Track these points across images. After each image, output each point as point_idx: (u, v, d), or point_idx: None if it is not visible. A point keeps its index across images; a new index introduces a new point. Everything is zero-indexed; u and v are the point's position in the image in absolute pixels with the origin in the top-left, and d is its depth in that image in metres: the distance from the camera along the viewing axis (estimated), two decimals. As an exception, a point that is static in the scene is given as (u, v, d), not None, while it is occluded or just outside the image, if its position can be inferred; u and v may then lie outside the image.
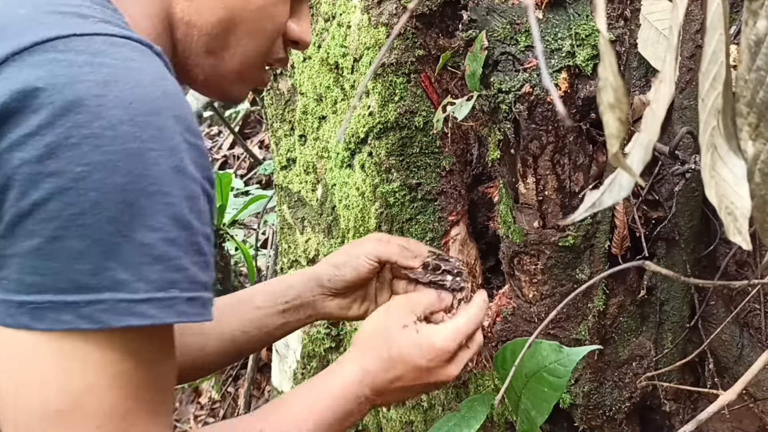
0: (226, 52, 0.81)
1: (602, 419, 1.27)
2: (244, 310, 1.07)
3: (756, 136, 0.48)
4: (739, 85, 0.48)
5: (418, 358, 0.87)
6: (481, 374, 1.34)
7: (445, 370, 0.90)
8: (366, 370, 0.88)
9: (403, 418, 1.48)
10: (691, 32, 1.13)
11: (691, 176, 1.10)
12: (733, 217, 0.51)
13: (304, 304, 1.07)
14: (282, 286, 1.08)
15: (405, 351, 0.87)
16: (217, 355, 1.10)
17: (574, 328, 1.22)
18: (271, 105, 1.76)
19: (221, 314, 1.06)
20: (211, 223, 0.69)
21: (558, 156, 1.12)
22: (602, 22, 0.44)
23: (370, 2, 1.35)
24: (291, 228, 1.78)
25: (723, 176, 0.51)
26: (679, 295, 1.26)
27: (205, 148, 0.69)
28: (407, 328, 0.89)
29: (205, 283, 0.67)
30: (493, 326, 1.30)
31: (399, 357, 0.88)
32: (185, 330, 1.05)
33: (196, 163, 0.65)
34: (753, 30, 0.46)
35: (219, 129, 5.47)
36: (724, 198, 0.51)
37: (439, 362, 0.88)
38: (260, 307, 1.07)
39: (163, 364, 0.67)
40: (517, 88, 1.06)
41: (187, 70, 0.82)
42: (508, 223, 1.21)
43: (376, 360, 0.89)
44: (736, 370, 1.26)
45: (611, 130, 0.46)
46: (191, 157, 0.64)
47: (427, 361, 0.88)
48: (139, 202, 0.60)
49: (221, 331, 1.07)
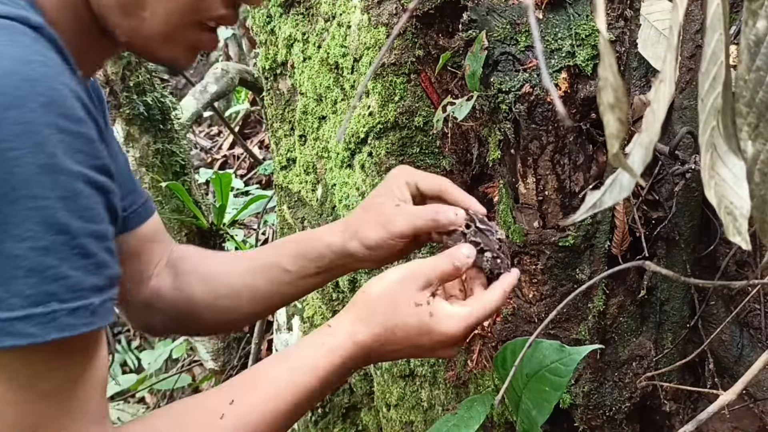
0: (144, 11, 0.73)
1: (602, 419, 1.26)
2: (275, 275, 1.05)
3: (755, 136, 0.48)
4: (739, 85, 0.48)
5: (426, 341, 0.83)
6: (481, 374, 1.34)
7: (449, 351, 0.86)
8: (362, 345, 0.83)
9: (403, 418, 1.48)
10: (691, 32, 1.13)
11: (691, 176, 1.10)
12: (732, 217, 0.51)
13: (338, 267, 1.03)
14: (313, 253, 1.02)
15: (412, 332, 0.83)
16: (253, 315, 1.10)
17: (574, 328, 1.22)
18: (271, 105, 1.76)
19: (252, 278, 1.06)
20: (107, 217, 0.65)
21: (558, 156, 1.12)
22: (602, 23, 0.44)
23: (370, 2, 1.35)
24: (291, 228, 1.78)
25: (722, 176, 0.51)
26: (679, 295, 1.26)
27: (91, 133, 0.62)
28: (419, 307, 0.83)
29: (95, 287, 0.62)
30: (493, 326, 1.30)
31: (404, 335, 0.83)
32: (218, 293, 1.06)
33: (76, 153, 0.59)
34: (753, 30, 0.46)
35: (219, 129, 5.47)
36: (724, 198, 0.51)
37: (445, 346, 0.84)
38: (290, 271, 1.04)
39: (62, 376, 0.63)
40: (517, 88, 1.06)
41: (111, 33, 0.76)
42: (508, 223, 1.21)
43: (376, 330, 0.83)
44: (736, 370, 1.26)
45: (611, 130, 0.46)
46: (69, 148, 0.58)
47: (433, 344, 0.84)
48: (2, 210, 0.55)
49: (254, 294, 1.06)
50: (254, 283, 1.06)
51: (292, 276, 1.04)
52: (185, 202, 2.39)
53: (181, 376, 3.08)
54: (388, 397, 1.49)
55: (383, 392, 1.51)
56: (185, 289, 1.09)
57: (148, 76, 2.34)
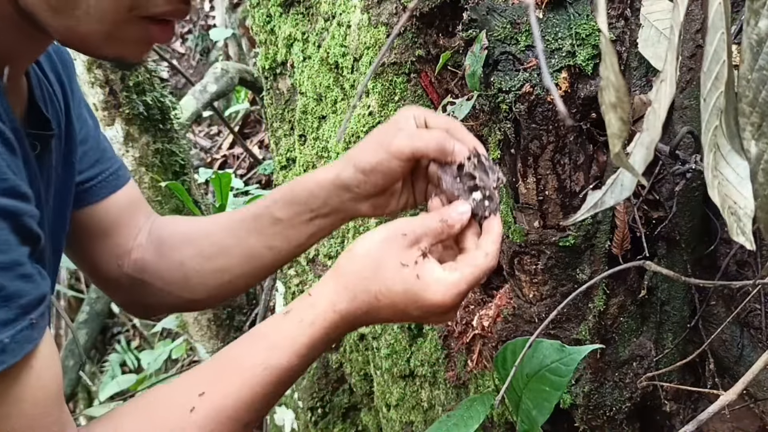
0: (76, 9, 0.67)
1: (603, 419, 1.26)
2: (265, 225, 0.97)
3: (759, 136, 0.48)
4: (742, 85, 0.48)
5: (411, 306, 0.75)
6: (481, 374, 1.34)
7: (440, 318, 0.79)
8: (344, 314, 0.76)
9: (403, 418, 1.48)
10: (691, 32, 1.13)
11: (691, 176, 1.10)
12: (736, 216, 0.51)
13: (333, 210, 0.94)
14: (303, 194, 0.94)
15: (398, 299, 0.75)
16: (246, 276, 1.02)
17: (574, 328, 1.22)
18: (271, 105, 1.76)
19: (241, 232, 0.99)
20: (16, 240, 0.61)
21: (558, 156, 1.11)
22: (603, 22, 0.44)
23: (370, 2, 1.35)
24: (291, 228, 1.78)
25: (726, 176, 0.50)
26: (679, 295, 1.26)
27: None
28: (405, 269, 0.75)
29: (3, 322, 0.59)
30: (493, 326, 1.30)
31: (388, 302, 0.75)
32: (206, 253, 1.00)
33: None
34: (755, 29, 0.46)
35: (219, 129, 5.47)
36: (727, 198, 0.51)
37: (433, 314, 0.77)
38: (282, 219, 0.96)
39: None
40: (518, 88, 1.06)
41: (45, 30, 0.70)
42: (509, 223, 1.21)
43: (359, 296, 0.76)
44: (736, 370, 1.26)
45: (613, 130, 0.46)
46: None
47: (422, 313, 0.76)
48: None
49: (244, 251, 0.99)
50: (244, 237, 0.98)
51: (283, 225, 0.96)
52: (185, 201, 2.38)
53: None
54: (388, 397, 1.49)
55: (383, 392, 1.51)
56: (170, 255, 1.02)
57: (147, 76, 2.34)
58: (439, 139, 0.84)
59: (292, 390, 1.89)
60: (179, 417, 0.71)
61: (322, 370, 1.80)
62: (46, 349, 0.66)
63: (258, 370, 0.74)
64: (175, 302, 1.07)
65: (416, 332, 1.42)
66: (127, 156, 2.37)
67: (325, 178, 0.92)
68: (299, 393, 1.86)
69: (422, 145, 0.85)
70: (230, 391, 0.73)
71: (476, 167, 0.84)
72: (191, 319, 2.73)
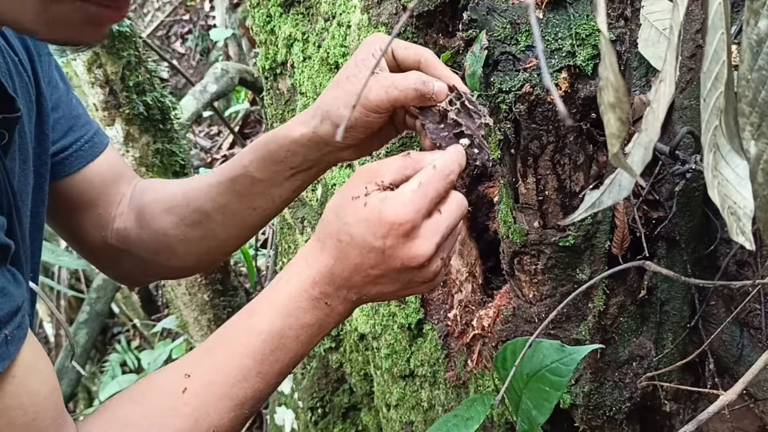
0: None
1: (602, 419, 1.26)
2: (245, 187, 0.93)
3: (758, 136, 0.48)
4: (741, 85, 0.48)
5: (370, 236, 0.69)
6: (481, 374, 1.34)
7: (409, 249, 0.69)
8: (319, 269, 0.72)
9: (403, 418, 1.48)
10: (691, 32, 1.13)
11: (691, 176, 1.10)
12: (736, 217, 0.51)
13: (315, 163, 0.90)
14: (281, 152, 0.89)
15: (354, 230, 0.69)
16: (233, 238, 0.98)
17: (574, 328, 1.22)
18: (271, 105, 1.76)
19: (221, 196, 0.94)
20: None
21: (558, 156, 1.11)
22: (603, 22, 0.44)
23: (370, 2, 1.35)
24: (291, 228, 1.78)
25: (725, 176, 0.51)
26: (679, 295, 1.26)
27: None
28: (356, 200, 0.70)
29: None
30: (493, 326, 1.30)
31: (348, 237, 0.70)
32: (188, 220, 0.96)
33: None
34: (754, 29, 0.46)
35: (219, 129, 5.47)
36: (727, 198, 0.51)
37: (395, 239, 0.69)
38: (262, 180, 0.91)
39: None
40: (518, 88, 1.06)
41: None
42: (508, 223, 1.21)
43: (327, 241, 0.72)
44: (736, 370, 1.26)
45: (612, 130, 0.46)
46: None
47: (381, 240, 0.68)
48: None
49: (227, 215, 0.95)
50: (224, 201, 0.94)
51: (265, 184, 0.92)
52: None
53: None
54: (388, 397, 1.49)
55: (383, 392, 1.51)
56: (152, 224, 0.98)
57: (147, 76, 2.34)
58: (417, 84, 0.79)
59: (291, 390, 1.89)
60: (171, 399, 0.70)
61: (322, 370, 1.80)
62: (29, 355, 0.65)
63: (243, 338, 0.71)
64: (163, 271, 1.04)
65: (416, 332, 1.42)
66: (127, 156, 2.37)
67: (302, 135, 0.88)
68: (299, 393, 1.86)
69: (400, 95, 0.80)
70: (218, 365, 0.71)
71: (460, 113, 0.77)
72: (191, 319, 2.73)
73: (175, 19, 6.69)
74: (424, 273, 0.72)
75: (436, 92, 0.80)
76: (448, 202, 0.73)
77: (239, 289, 2.73)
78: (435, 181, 0.71)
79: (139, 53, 2.28)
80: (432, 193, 0.70)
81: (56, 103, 0.96)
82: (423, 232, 0.70)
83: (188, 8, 6.63)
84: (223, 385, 0.70)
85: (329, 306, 0.73)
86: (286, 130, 0.90)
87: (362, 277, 0.71)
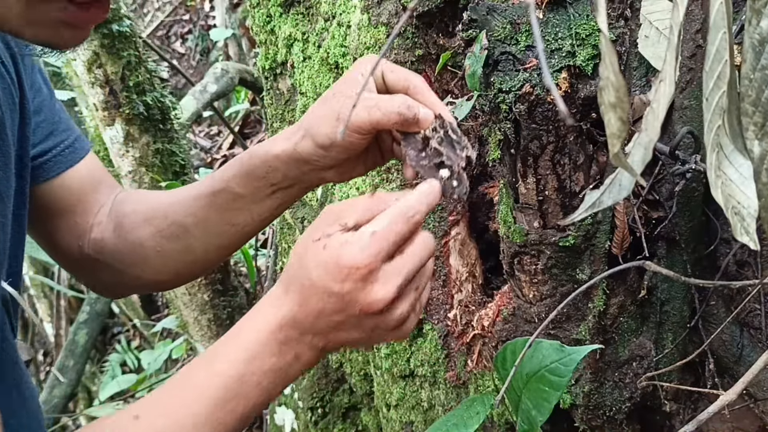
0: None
1: (602, 419, 1.26)
2: (225, 201, 0.90)
3: (762, 136, 0.48)
4: (744, 84, 0.48)
5: (329, 281, 0.66)
6: (481, 374, 1.34)
7: (367, 294, 0.66)
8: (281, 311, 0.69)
9: (403, 418, 1.48)
10: (691, 32, 1.13)
11: (691, 176, 1.10)
12: (740, 216, 0.51)
13: (296, 182, 0.88)
14: (262, 167, 0.87)
15: (314, 274, 0.67)
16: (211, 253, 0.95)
17: (574, 328, 1.22)
18: (271, 105, 1.76)
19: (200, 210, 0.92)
20: None
21: (558, 156, 1.11)
22: (603, 22, 0.44)
23: (370, 2, 1.35)
24: (291, 228, 1.78)
25: (729, 176, 0.50)
26: (679, 295, 1.26)
27: None
28: (317, 243, 0.67)
29: None
30: (493, 326, 1.30)
31: (311, 284, 0.67)
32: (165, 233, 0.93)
33: None
34: (756, 29, 0.46)
35: (219, 129, 5.47)
36: (731, 198, 0.51)
37: (353, 284, 0.66)
38: (243, 195, 0.89)
39: None
40: (518, 88, 1.06)
41: None
42: (508, 223, 1.21)
43: (290, 285, 0.69)
44: (736, 370, 1.26)
45: (612, 130, 0.46)
46: None
47: (340, 284, 0.66)
48: None
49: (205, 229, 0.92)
50: (203, 215, 0.92)
51: (245, 200, 0.89)
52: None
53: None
54: (388, 397, 1.49)
55: (383, 392, 1.51)
56: (129, 234, 0.96)
57: (147, 76, 2.34)
58: (401, 108, 0.76)
59: (292, 390, 1.89)
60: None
61: (322, 370, 1.80)
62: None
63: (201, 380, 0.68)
64: (138, 284, 1.01)
65: (416, 332, 1.42)
66: (127, 156, 2.37)
67: (284, 150, 0.85)
68: (299, 393, 1.86)
69: (382, 118, 0.77)
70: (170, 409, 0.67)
71: (443, 141, 0.74)
72: (191, 319, 2.73)
73: (175, 19, 6.69)
74: (387, 320, 0.69)
75: (421, 118, 0.77)
76: (413, 244, 0.69)
77: (239, 289, 2.73)
78: (396, 223, 0.68)
79: (139, 53, 2.28)
80: (392, 236, 0.67)
81: (39, 106, 0.94)
82: (381, 276, 0.67)
83: (188, 8, 6.63)
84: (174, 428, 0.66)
85: (294, 352, 0.70)
86: (269, 144, 0.88)
87: (326, 322, 0.69)
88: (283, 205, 0.91)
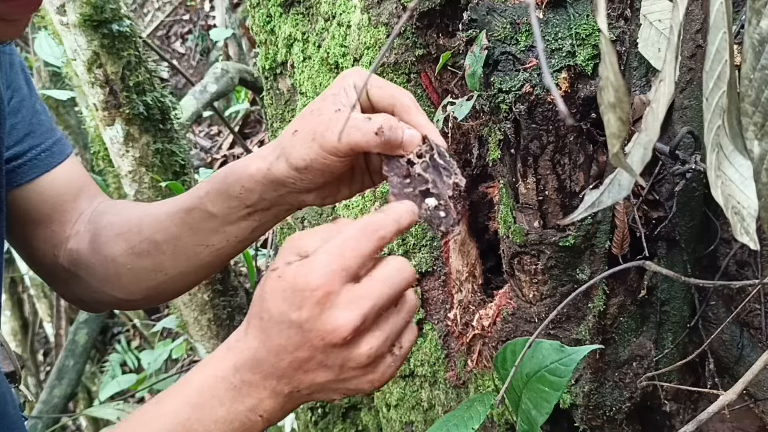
0: None
1: (602, 419, 1.26)
2: (198, 221, 0.84)
3: (762, 136, 0.48)
4: (744, 84, 0.48)
5: (286, 309, 0.60)
6: (481, 374, 1.34)
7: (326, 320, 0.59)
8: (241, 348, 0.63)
9: (403, 418, 1.48)
10: (691, 32, 1.13)
11: (691, 176, 1.10)
12: (740, 216, 0.51)
13: (273, 204, 0.81)
14: (236, 187, 0.80)
15: (271, 305, 0.61)
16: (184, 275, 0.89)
17: (574, 328, 1.22)
18: (271, 105, 1.76)
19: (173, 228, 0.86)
20: None
21: (558, 156, 1.11)
22: (603, 22, 0.44)
23: (370, 2, 1.35)
24: (291, 228, 1.78)
25: (729, 176, 0.50)
26: (679, 295, 1.26)
27: None
28: (273, 272, 0.62)
29: None
30: (493, 326, 1.30)
31: (269, 316, 0.61)
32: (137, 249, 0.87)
33: None
34: (756, 29, 0.46)
35: (219, 129, 5.47)
36: (731, 198, 0.51)
37: (310, 309, 0.59)
38: (216, 215, 0.82)
39: None
40: (518, 88, 1.06)
41: None
42: (508, 223, 1.21)
43: (255, 330, 0.62)
44: (736, 370, 1.26)
45: (612, 130, 0.46)
46: None
47: (297, 311, 0.59)
48: None
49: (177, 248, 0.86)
50: (177, 232, 0.86)
51: (219, 221, 0.83)
52: (185, 201, 2.38)
53: (180, 376, 3.08)
54: (388, 397, 1.49)
55: (383, 392, 1.51)
56: (103, 248, 0.90)
57: (147, 76, 2.34)
58: (383, 130, 0.69)
59: (292, 390, 1.89)
60: None
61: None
62: None
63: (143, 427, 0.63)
64: (111, 301, 0.96)
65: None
66: (127, 156, 2.37)
67: (258, 170, 0.78)
68: (299, 393, 1.86)
69: (361, 139, 0.69)
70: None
71: (428, 167, 0.67)
72: (191, 319, 2.73)
73: (175, 19, 6.69)
74: (354, 355, 0.61)
75: (405, 141, 0.69)
76: (384, 267, 0.61)
77: (239, 289, 2.73)
78: (356, 240, 0.60)
79: (139, 53, 2.28)
80: (350, 253, 0.60)
81: (17, 107, 0.90)
82: (343, 300, 0.59)
83: (188, 8, 6.63)
84: None
85: (253, 399, 0.62)
86: (245, 162, 0.81)
87: (289, 361, 0.61)
88: (261, 227, 0.85)
